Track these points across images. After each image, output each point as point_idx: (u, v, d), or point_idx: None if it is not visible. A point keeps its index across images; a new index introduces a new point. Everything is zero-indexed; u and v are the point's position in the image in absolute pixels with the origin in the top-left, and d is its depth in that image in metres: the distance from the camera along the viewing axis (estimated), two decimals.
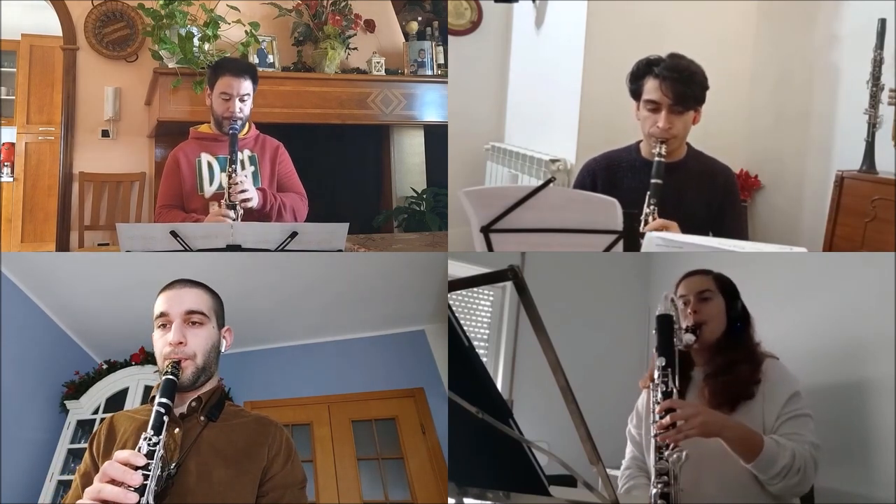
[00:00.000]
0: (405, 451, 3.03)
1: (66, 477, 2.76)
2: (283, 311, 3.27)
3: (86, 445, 3.01)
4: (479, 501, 1.34)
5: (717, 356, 1.65)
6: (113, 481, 1.11)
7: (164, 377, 1.29)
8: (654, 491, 1.34)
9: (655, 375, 1.42)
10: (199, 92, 3.67)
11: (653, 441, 1.38)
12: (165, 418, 1.22)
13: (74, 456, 2.86)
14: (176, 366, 1.32)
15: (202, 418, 1.36)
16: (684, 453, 1.36)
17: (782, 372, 1.63)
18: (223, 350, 1.45)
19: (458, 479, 1.33)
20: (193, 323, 1.39)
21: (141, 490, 1.11)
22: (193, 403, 1.37)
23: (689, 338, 1.61)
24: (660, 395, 1.41)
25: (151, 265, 2.70)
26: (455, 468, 1.37)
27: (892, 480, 1.93)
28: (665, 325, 1.44)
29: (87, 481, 1.30)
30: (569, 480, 1.36)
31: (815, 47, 3.11)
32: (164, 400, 1.24)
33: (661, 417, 1.38)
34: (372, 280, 3.09)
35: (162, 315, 1.39)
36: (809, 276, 2.38)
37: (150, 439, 1.18)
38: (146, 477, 1.13)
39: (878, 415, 2.03)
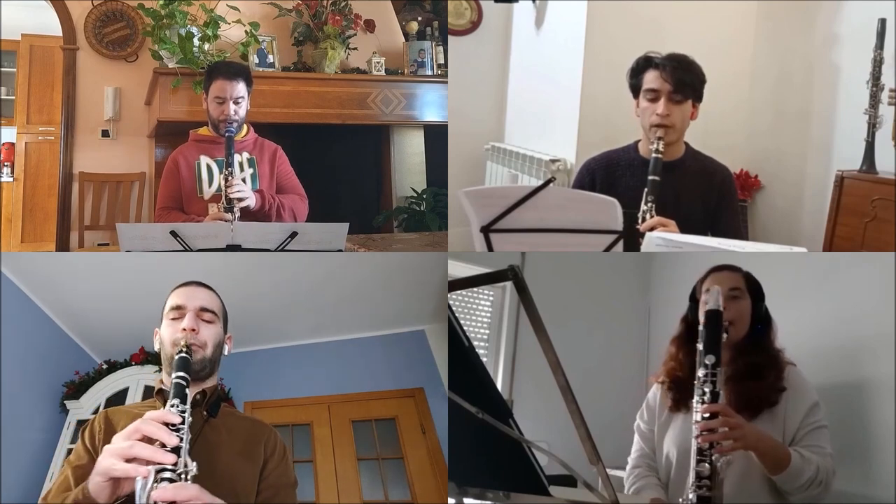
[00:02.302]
0: (405, 451, 3.03)
1: None
2: (283, 311, 3.27)
3: None
4: (479, 501, 1.34)
5: (740, 358, 1.63)
6: (144, 440, 1.07)
7: (177, 355, 1.29)
8: (690, 495, 1.28)
9: (701, 373, 1.36)
10: (199, 92, 3.67)
11: (694, 443, 1.33)
12: (187, 390, 1.21)
13: None
14: (189, 348, 1.32)
15: (204, 413, 1.37)
16: (730, 456, 1.32)
17: (803, 381, 1.62)
18: (224, 354, 1.48)
19: (458, 479, 1.33)
20: (205, 319, 1.43)
21: (176, 451, 1.07)
22: (198, 396, 1.38)
23: None
24: (708, 396, 1.34)
25: (151, 265, 2.70)
26: (455, 468, 1.37)
27: (892, 480, 1.93)
28: (715, 321, 1.37)
29: (81, 473, 1.26)
30: (569, 480, 1.36)
31: (815, 47, 3.11)
32: (182, 374, 1.23)
33: (706, 419, 1.32)
34: (372, 280, 3.09)
35: (177, 307, 1.42)
36: (809, 276, 2.38)
37: (176, 406, 1.16)
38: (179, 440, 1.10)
39: (878, 415, 2.03)
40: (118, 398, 3.03)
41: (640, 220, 1.96)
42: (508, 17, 4.19)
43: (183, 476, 1.07)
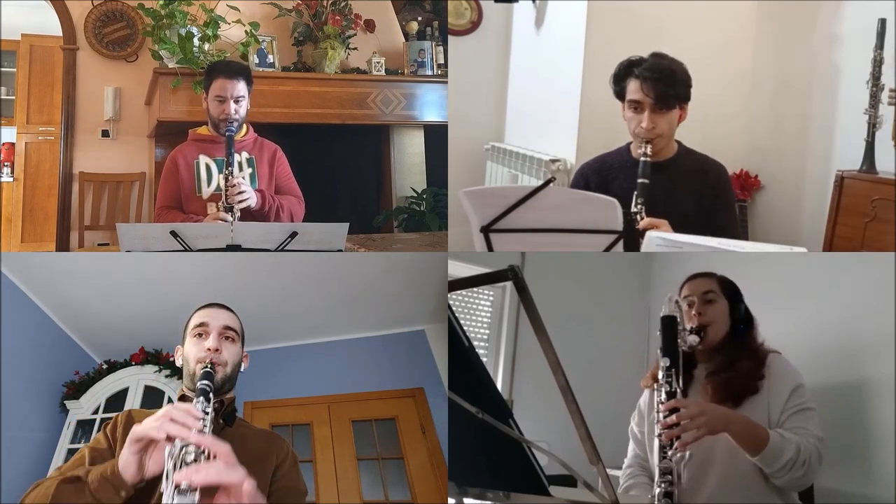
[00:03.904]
0: (405, 451, 3.03)
1: None
2: (283, 311, 3.27)
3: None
4: (479, 501, 1.34)
5: (719, 354, 1.67)
6: (173, 422, 1.14)
7: (203, 370, 1.37)
8: (657, 490, 1.34)
9: (659, 376, 1.43)
10: (199, 92, 3.67)
11: (656, 440, 1.38)
12: (211, 395, 1.27)
13: None
14: (212, 366, 1.40)
15: (220, 421, 1.43)
16: (688, 453, 1.36)
17: (785, 366, 1.64)
18: (241, 371, 1.55)
19: (458, 479, 1.33)
20: (227, 338, 1.50)
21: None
22: (216, 405, 1.42)
23: (693, 339, 1.63)
24: (664, 395, 1.41)
25: (151, 265, 2.70)
26: (455, 468, 1.37)
27: (892, 480, 1.93)
28: (669, 326, 1.46)
29: (97, 454, 1.35)
30: (569, 480, 1.36)
31: (815, 48, 3.10)
32: (206, 381, 1.31)
33: (666, 417, 1.38)
34: (372, 280, 3.09)
35: (201, 325, 1.49)
36: (809, 276, 2.38)
37: (201, 403, 1.22)
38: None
39: (878, 415, 2.03)
40: (118, 398, 3.03)
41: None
42: (508, 17, 4.19)
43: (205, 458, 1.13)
